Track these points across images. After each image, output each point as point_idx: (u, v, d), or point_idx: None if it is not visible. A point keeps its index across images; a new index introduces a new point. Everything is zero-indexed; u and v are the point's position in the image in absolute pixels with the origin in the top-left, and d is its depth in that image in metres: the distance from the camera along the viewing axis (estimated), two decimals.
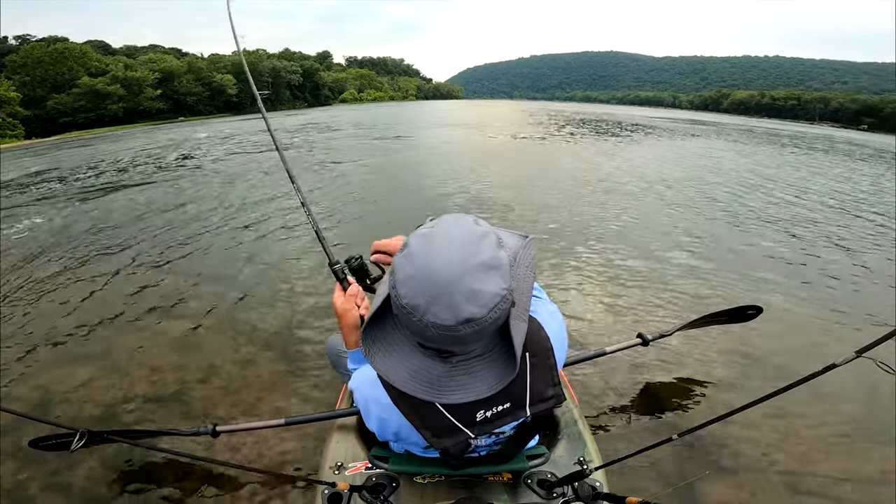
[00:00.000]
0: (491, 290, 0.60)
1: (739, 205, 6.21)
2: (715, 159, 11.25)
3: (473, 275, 0.60)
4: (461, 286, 0.59)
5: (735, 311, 2.24)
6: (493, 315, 0.61)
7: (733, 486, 1.66)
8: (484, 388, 0.70)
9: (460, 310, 0.59)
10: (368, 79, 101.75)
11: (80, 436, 1.08)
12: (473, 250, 0.61)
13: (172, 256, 4.35)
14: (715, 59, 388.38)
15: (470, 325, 0.60)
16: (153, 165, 10.57)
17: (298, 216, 5.47)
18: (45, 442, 1.52)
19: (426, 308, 0.60)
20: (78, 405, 2.27)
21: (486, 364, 0.71)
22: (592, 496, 0.92)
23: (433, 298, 0.60)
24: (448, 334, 0.61)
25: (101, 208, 6.47)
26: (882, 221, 5.56)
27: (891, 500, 1.58)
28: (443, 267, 0.60)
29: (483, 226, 0.66)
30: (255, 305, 3.29)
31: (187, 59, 60.47)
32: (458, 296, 0.59)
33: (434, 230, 0.65)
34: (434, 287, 0.60)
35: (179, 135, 19.34)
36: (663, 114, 55.13)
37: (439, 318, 0.60)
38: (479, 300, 0.60)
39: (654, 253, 4.06)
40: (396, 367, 0.71)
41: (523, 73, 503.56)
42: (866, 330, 2.73)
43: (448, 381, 0.70)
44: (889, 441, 1.82)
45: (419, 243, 0.64)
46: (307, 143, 14.10)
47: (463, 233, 0.64)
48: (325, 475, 1.07)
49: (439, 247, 0.62)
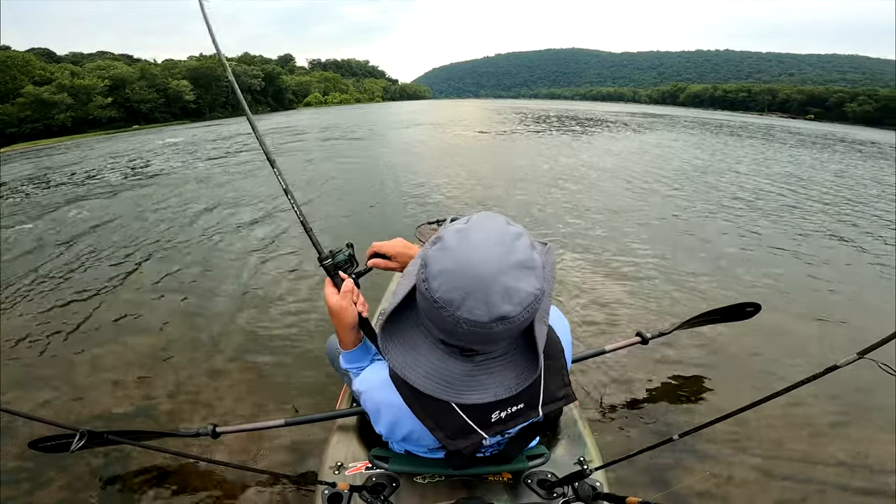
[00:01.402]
0: (526, 289, 0.60)
1: (733, 201, 6.26)
2: (701, 154, 11.64)
3: (511, 273, 0.60)
4: (498, 283, 0.59)
5: (734, 308, 2.23)
6: (526, 314, 0.61)
7: (733, 486, 1.65)
8: (503, 389, 0.70)
9: (496, 307, 0.59)
10: (333, 81, 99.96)
11: (80, 436, 1.06)
12: (511, 249, 0.61)
13: (152, 267, 4.20)
14: (671, 54, 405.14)
15: (503, 322, 0.60)
16: (112, 175, 9.94)
17: (274, 217, 5.40)
18: (44, 443, 1.51)
19: (461, 303, 0.59)
20: (78, 407, 2.27)
21: (505, 365, 0.71)
22: (592, 496, 0.93)
23: (469, 294, 0.59)
24: (479, 331, 0.61)
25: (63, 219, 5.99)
26: (864, 214, 5.62)
27: (891, 499, 1.58)
28: (482, 263, 0.59)
29: (516, 226, 0.65)
30: (253, 306, 3.30)
31: (139, 65, 57.51)
32: (494, 293, 0.59)
33: (469, 226, 0.64)
34: (472, 282, 0.59)
35: (133, 144, 18.34)
36: (627, 108, 57.07)
37: (473, 313, 0.59)
38: (514, 298, 0.60)
39: (652, 251, 4.04)
40: (413, 364, 0.71)
41: (489, 71, 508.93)
42: (867, 331, 2.71)
43: (469, 380, 0.70)
44: (890, 442, 1.82)
45: (456, 238, 0.62)
46: (275, 148, 13.63)
47: (498, 231, 0.63)
48: (325, 475, 1.08)
49: (477, 242, 0.61)
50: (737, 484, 1.66)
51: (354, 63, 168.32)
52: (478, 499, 0.94)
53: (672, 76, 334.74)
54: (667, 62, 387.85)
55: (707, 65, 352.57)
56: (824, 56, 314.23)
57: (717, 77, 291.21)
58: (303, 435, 1.96)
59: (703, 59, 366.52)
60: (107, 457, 1.91)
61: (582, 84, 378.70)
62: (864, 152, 14.66)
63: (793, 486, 1.65)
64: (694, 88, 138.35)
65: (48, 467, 1.86)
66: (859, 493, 1.63)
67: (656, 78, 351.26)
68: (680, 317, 2.41)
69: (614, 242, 4.30)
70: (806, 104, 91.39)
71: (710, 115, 48.63)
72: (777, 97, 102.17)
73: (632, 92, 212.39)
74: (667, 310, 2.95)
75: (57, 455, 1.63)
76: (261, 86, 71.81)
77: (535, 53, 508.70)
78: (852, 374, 2.02)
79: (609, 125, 21.75)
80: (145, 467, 1.86)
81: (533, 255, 0.63)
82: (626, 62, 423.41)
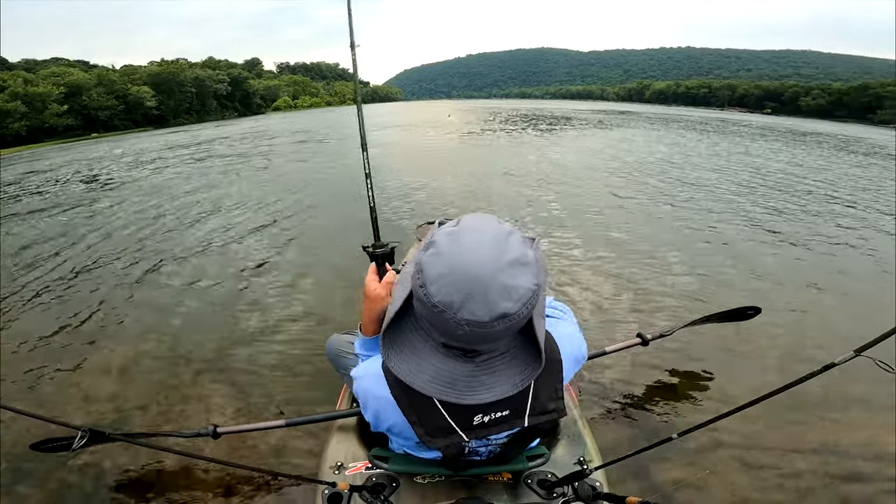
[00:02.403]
0: (525, 285, 0.61)
1: (728, 198, 6.26)
2: (685, 151, 11.89)
3: (507, 271, 0.61)
4: (497, 282, 0.60)
5: (734, 311, 2.27)
6: (525, 310, 0.62)
7: (733, 486, 1.65)
8: (508, 386, 0.70)
9: (496, 305, 0.60)
10: (303, 85, 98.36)
11: (81, 435, 1.06)
12: (505, 247, 0.62)
13: (152, 269, 4.09)
14: (636, 52, 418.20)
15: (505, 320, 0.61)
16: (75, 185, 9.42)
17: (275, 218, 5.25)
18: (46, 444, 1.50)
19: (461, 305, 0.60)
20: (79, 407, 2.28)
21: (508, 362, 0.71)
22: (592, 496, 0.93)
23: (468, 295, 0.60)
24: (481, 331, 0.61)
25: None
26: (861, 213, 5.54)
27: (891, 499, 1.59)
28: (477, 264, 0.60)
29: (506, 225, 0.67)
30: (254, 308, 3.30)
31: (96, 71, 55.00)
32: (493, 292, 0.60)
33: (460, 228, 0.65)
34: (470, 283, 0.60)
35: (85, 154, 17.46)
36: (597, 106, 58.27)
37: (475, 314, 0.60)
38: (513, 295, 0.60)
39: (652, 252, 4.00)
40: (416, 370, 0.71)
41: (460, 72, 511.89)
42: (866, 329, 2.65)
43: (471, 381, 0.70)
44: (890, 441, 1.83)
45: (448, 241, 0.63)
46: (245, 153, 13.22)
47: (491, 230, 0.64)
48: (325, 475, 1.08)
49: (471, 244, 0.62)
50: (736, 483, 1.66)
51: (324, 66, 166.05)
52: (478, 499, 0.93)
53: (637, 73, 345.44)
54: (632, 60, 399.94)
55: (670, 62, 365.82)
56: (779, 52, 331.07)
57: (679, 73, 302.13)
58: (303, 435, 1.96)
59: (666, 56, 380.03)
60: (106, 457, 1.90)
61: (552, 83, 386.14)
62: (827, 145, 15.31)
63: (792, 485, 1.66)
64: (658, 85, 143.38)
65: (48, 467, 1.85)
66: (860, 492, 1.63)
67: (622, 76, 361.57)
68: (680, 318, 2.45)
69: (615, 243, 4.25)
70: (763, 99, 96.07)
71: (676, 111, 50.00)
72: (736, 92, 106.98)
73: (600, 90, 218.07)
74: (668, 311, 2.94)
75: (58, 454, 1.62)
76: (227, 90, 69.85)
77: (506, 53, 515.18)
78: (850, 371, 2.11)
79: (584, 123, 22.10)
80: (145, 467, 1.85)
81: (526, 251, 0.64)
82: (593, 61, 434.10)
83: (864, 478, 1.69)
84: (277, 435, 1.97)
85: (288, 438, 1.96)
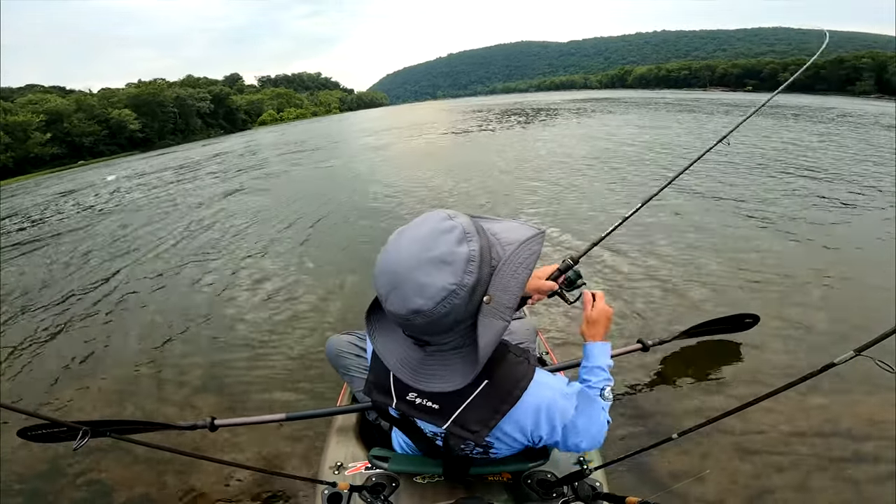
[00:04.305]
0: (438, 284, 0.62)
1: (726, 197, 5.91)
2: (679, 138, 11.62)
3: (423, 269, 0.63)
4: (411, 279, 0.63)
5: (733, 318, 2.29)
6: (442, 308, 0.63)
7: (733, 486, 1.65)
8: (458, 378, 0.71)
9: (409, 301, 0.63)
10: (287, 97, 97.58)
11: (83, 433, 1.04)
12: (430, 245, 0.64)
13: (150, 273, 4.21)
14: (614, 39, 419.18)
15: (419, 315, 0.63)
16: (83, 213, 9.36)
17: (276, 220, 5.24)
18: (36, 431, 1.39)
19: (386, 297, 0.66)
20: (80, 406, 2.35)
21: (461, 357, 0.72)
22: (592, 496, 0.93)
23: (392, 289, 0.65)
24: (405, 322, 0.66)
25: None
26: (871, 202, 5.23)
27: (892, 499, 1.59)
28: (399, 261, 0.64)
29: (457, 220, 0.67)
30: (254, 307, 3.37)
31: (74, 96, 54.46)
32: (408, 288, 0.63)
33: (407, 226, 0.69)
34: (391, 278, 0.65)
35: (78, 182, 17.32)
36: (583, 95, 57.87)
37: (394, 307, 0.65)
38: (425, 293, 0.62)
39: (653, 253, 3.94)
40: (391, 352, 0.77)
41: (443, 72, 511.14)
42: (865, 328, 2.64)
43: (424, 368, 0.74)
44: (890, 439, 1.83)
45: (393, 238, 0.69)
46: (247, 178, 13.19)
47: (428, 228, 0.66)
48: (325, 475, 1.08)
49: (404, 242, 0.66)
50: (736, 482, 1.67)
51: (306, 76, 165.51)
52: (477, 498, 0.94)
53: (617, 60, 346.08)
54: (611, 47, 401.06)
55: (647, 46, 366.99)
56: (751, 30, 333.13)
57: (658, 57, 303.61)
58: (302, 433, 1.96)
59: (643, 41, 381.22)
60: (106, 454, 1.91)
61: (535, 76, 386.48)
62: (818, 119, 15.14)
63: (791, 485, 1.66)
64: (640, 70, 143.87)
65: (43, 461, 1.86)
66: (860, 492, 1.61)
67: (603, 63, 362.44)
68: (681, 324, 2.45)
69: (616, 244, 4.14)
70: (743, 77, 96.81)
71: (660, 94, 49.96)
72: (716, 72, 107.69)
73: (583, 79, 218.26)
74: (668, 316, 2.92)
75: (51, 448, 1.66)
76: (210, 108, 69.34)
77: (486, 50, 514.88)
78: (850, 371, 2.10)
79: (577, 112, 21.94)
80: (145, 466, 1.85)
81: (457, 249, 0.64)
82: (573, 50, 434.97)
83: (863, 478, 1.65)
84: (278, 434, 1.97)
85: (288, 438, 1.96)
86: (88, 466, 1.88)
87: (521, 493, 0.98)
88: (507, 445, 0.89)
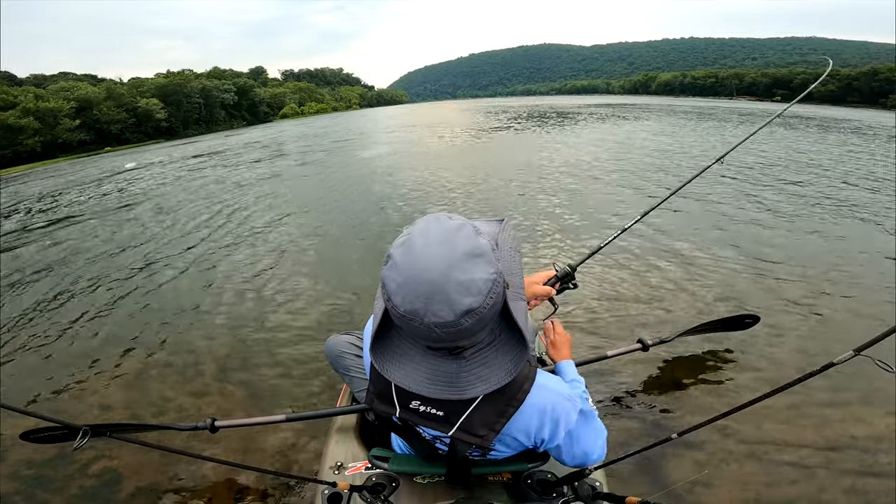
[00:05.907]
0: (481, 276, 0.61)
1: (726, 197, 5.95)
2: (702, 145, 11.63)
3: (459, 266, 0.60)
4: (451, 281, 0.60)
5: (733, 319, 2.27)
6: (490, 301, 0.62)
7: (732, 486, 1.64)
8: (503, 373, 0.69)
9: (456, 304, 0.60)
10: (308, 91, 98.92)
11: (83, 433, 1.05)
12: (453, 244, 0.62)
13: (149, 273, 4.29)
14: (639, 45, 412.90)
15: (471, 315, 0.61)
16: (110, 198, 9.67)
17: (276, 221, 5.36)
18: (38, 434, 1.45)
19: (425, 310, 0.60)
20: (80, 406, 2.35)
21: (497, 351, 0.70)
22: (592, 496, 0.93)
23: (429, 299, 0.60)
24: (453, 330, 0.61)
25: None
26: (871, 205, 5.25)
27: (891, 499, 1.58)
28: (428, 267, 0.60)
29: (457, 219, 0.66)
30: (255, 307, 3.36)
31: (105, 84, 55.96)
32: (451, 291, 0.59)
33: (410, 235, 0.65)
34: (426, 288, 0.60)
35: (102, 167, 17.84)
36: (604, 100, 57.17)
37: (440, 316, 0.60)
38: (472, 289, 0.60)
39: (654, 255, 3.93)
40: (413, 374, 0.71)
41: (464, 72, 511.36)
42: (865, 328, 2.63)
43: (466, 375, 0.70)
44: (890, 439, 1.82)
45: (400, 252, 0.64)
46: (267, 169, 13.42)
47: (438, 230, 0.64)
48: (325, 475, 1.08)
49: (420, 249, 0.62)
50: (736, 482, 1.66)
51: (328, 72, 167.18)
52: (477, 499, 0.94)
53: (641, 66, 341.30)
54: (635, 53, 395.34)
55: (674, 53, 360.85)
56: (784, 39, 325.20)
57: (684, 65, 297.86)
58: (302, 434, 1.97)
59: (670, 47, 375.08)
60: (106, 454, 1.91)
61: (556, 79, 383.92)
62: (836, 128, 14.92)
63: (791, 484, 1.65)
64: (664, 77, 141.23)
65: (43, 461, 1.87)
66: (860, 492, 1.61)
67: (626, 68, 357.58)
68: (681, 323, 2.42)
69: (617, 244, 4.13)
70: (772, 86, 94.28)
71: (684, 102, 49.07)
72: (744, 81, 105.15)
73: (605, 84, 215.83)
74: (668, 316, 2.91)
75: (52, 448, 1.65)
76: (234, 100, 70.72)
77: (509, 51, 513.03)
78: (850, 371, 2.08)
79: (599, 117, 21.76)
80: (145, 466, 1.86)
81: (478, 241, 0.63)
82: (596, 55, 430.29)
83: (864, 478, 1.65)
84: (278, 435, 1.97)
85: (288, 438, 1.97)
86: (89, 467, 1.88)
87: (521, 492, 0.98)
88: (509, 448, 0.90)
